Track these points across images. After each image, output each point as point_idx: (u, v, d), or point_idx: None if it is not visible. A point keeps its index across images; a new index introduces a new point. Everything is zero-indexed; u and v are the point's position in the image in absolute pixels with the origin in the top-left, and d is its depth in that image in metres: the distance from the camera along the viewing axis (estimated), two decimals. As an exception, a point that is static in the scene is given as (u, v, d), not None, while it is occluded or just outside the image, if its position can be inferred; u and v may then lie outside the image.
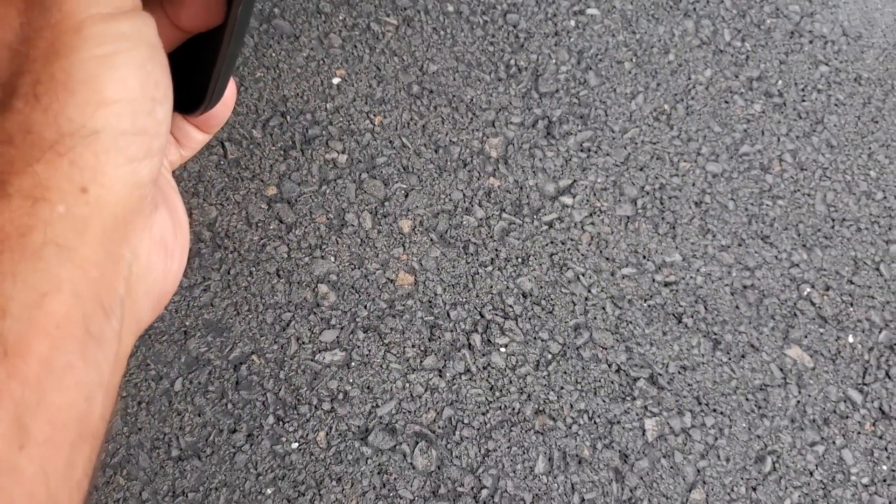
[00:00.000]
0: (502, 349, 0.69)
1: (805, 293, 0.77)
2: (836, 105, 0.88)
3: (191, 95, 0.26)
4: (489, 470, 0.65)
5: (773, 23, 0.92)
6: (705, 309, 0.74)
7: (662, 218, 0.77)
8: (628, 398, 0.69)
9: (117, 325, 0.23)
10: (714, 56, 0.88)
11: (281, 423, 0.62)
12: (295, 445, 0.62)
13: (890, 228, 0.82)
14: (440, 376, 0.67)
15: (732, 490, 0.68)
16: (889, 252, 0.80)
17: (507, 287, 0.71)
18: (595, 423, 0.68)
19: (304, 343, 0.66)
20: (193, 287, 0.65)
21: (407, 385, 0.67)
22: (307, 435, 0.63)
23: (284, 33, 0.77)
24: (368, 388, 0.66)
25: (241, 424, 0.58)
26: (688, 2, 0.89)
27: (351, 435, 0.63)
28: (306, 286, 0.68)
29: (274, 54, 0.75)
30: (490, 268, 0.72)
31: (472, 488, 0.64)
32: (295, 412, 0.63)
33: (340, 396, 0.65)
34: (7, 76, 0.23)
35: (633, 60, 0.85)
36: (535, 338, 0.70)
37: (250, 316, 0.65)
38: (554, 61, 0.82)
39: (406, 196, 0.73)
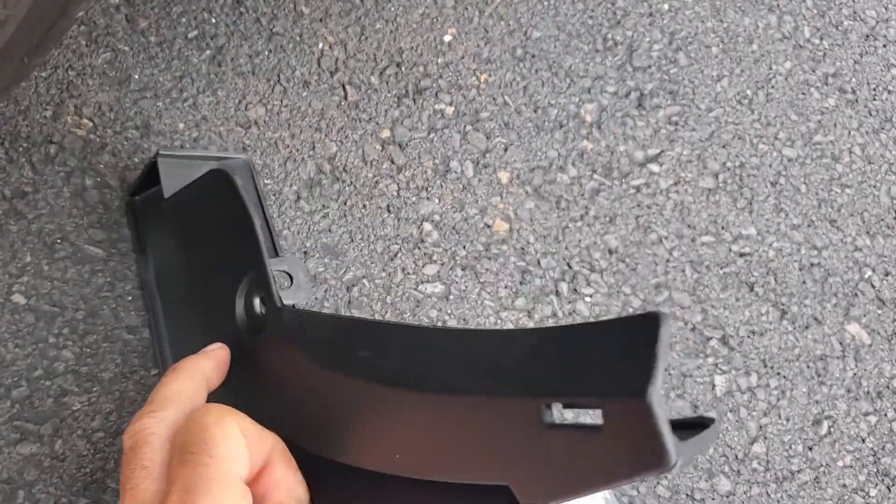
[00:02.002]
0: (587, 298, 0.74)
1: (866, 276, 0.82)
2: (905, 106, 0.93)
3: None
4: (571, 405, 0.70)
5: (850, 25, 0.97)
6: (775, 281, 0.79)
7: (741, 193, 0.82)
8: (701, 355, 0.74)
9: None
10: (794, 50, 0.93)
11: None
12: (398, 364, 0.67)
13: (948, 225, 0.86)
14: (529, 317, 0.72)
15: (790, 447, 0.73)
16: (946, 247, 0.85)
17: (595, 242, 0.77)
18: (670, 374, 0.73)
19: (408, 273, 0.71)
20: (314, 213, 0.70)
21: (499, 321, 0.72)
22: (409, 356, 0.68)
23: (401, -10, 0.82)
24: (465, 320, 0.71)
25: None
26: (775, -4, 0.94)
27: (449, 360, 0.69)
28: (412, 223, 0.73)
29: (393, 8, 0.81)
30: (580, 223, 0.77)
31: (556, 420, 0.69)
32: (399, 334, 0.68)
33: (439, 324, 0.70)
34: None
35: (720, 46, 0.90)
36: (618, 291, 0.75)
37: (363, 244, 0.71)
38: (647, 39, 0.87)
39: (505, 150, 0.78)
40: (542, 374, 0.31)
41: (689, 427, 0.32)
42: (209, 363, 0.44)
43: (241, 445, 0.36)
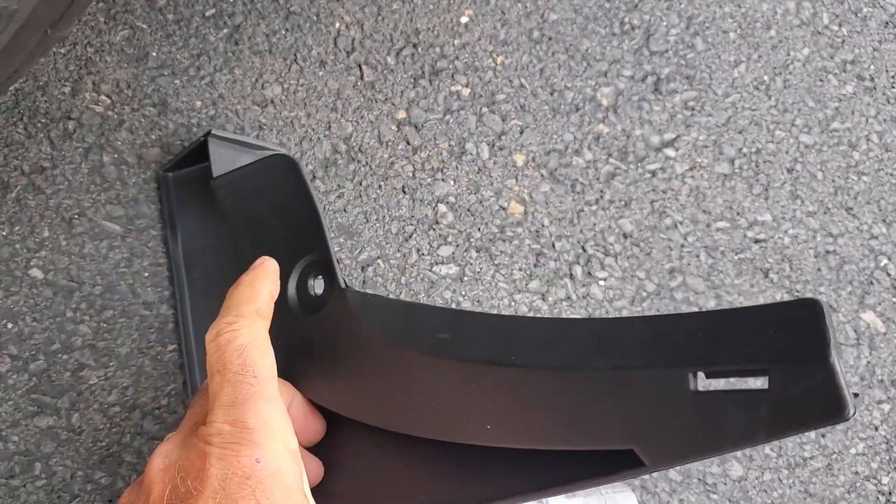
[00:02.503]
0: (601, 282, 0.74)
1: (882, 264, 0.82)
2: (924, 94, 0.92)
3: None
4: (584, 388, 0.70)
5: (870, 12, 0.96)
6: (790, 267, 0.79)
7: (757, 180, 0.82)
8: (714, 339, 0.74)
9: None
10: (812, 36, 0.92)
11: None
12: (412, 344, 0.68)
13: (965, 215, 0.86)
14: (543, 299, 0.72)
15: (803, 434, 0.73)
16: (963, 236, 0.85)
17: (610, 226, 0.76)
18: (682, 358, 0.73)
19: (423, 254, 0.71)
20: (329, 192, 0.70)
21: (513, 303, 0.72)
22: (423, 337, 0.68)
23: (419, -30, 0.82)
24: (478, 301, 0.71)
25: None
26: (794, -19, 0.93)
27: (463, 341, 0.69)
28: (427, 204, 0.73)
29: (409, -12, 0.80)
30: (595, 207, 0.77)
31: (569, 402, 0.69)
32: (414, 315, 0.68)
33: (453, 306, 0.70)
34: None
35: (738, 31, 0.89)
36: (632, 275, 0.75)
37: (378, 224, 0.71)
38: (665, 24, 0.87)
39: (521, 132, 0.78)
40: (687, 349, 0.36)
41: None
42: (266, 273, 0.44)
43: (274, 368, 0.38)
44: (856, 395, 0.36)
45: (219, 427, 0.34)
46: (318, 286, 0.50)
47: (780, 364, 0.33)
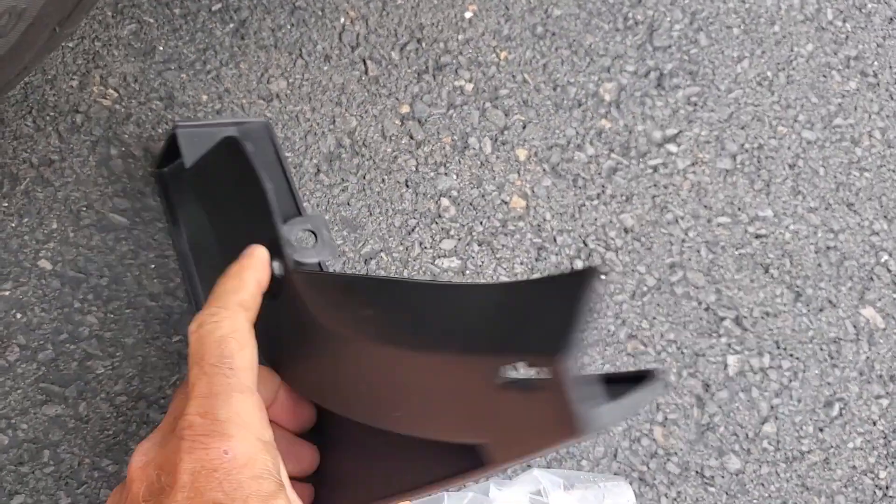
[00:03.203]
0: (602, 277, 0.75)
1: (882, 260, 0.82)
2: (927, 91, 0.92)
3: None
4: (584, 381, 0.71)
5: (874, 7, 0.96)
6: (791, 263, 0.80)
7: (758, 175, 0.82)
8: (714, 335, 0.75)
9: None
10: (816, 32, 0.92)
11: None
12: (414, 337, 0.68)
13: (967, 211, 0.86)
14: (544, 294, 0.73)
15: (801, 428, 0.74)
16: (964, 233, 0.85)
17: (611, 221, 0.77)
18: (682, 353, 0.74)
19: (425, 248, 0.72)
20: (333, 186, 0.71)
21: (515, 297, 0.72)
22: (425, 329, 0.69)
23: (424, -34, 0.83)
24: (481, 295, 0.72)
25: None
26: (799, -23, 0.93)
27: (464, 334, 0.70)
28: (430, 198, 0.74)
29: (414, -16, 0.81)
30: (596, 202, 0.77)
31: (569, 395, 0.70)
32: (416, 308, 0.69)
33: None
34: None
35: (742, 27, 0.90)
36: (632, 270, 0.76)
37: (381, 218, 0.72)
38: (668, 19, 0.87)
39: (524, 127, 0.79)
40: (500, 331, 0.30)
41: (633, 381, 0.32)
42: (253, 262, 0.44)
43: (255, 359, 0.38)
44: (650, 374, 0.30)
45: (191, 419, 0.34)
46: (276, 268, 0.48)
47: (544, 355, 0.27)
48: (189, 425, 0.34)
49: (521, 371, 0.28)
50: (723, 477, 0.70)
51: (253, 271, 0.43)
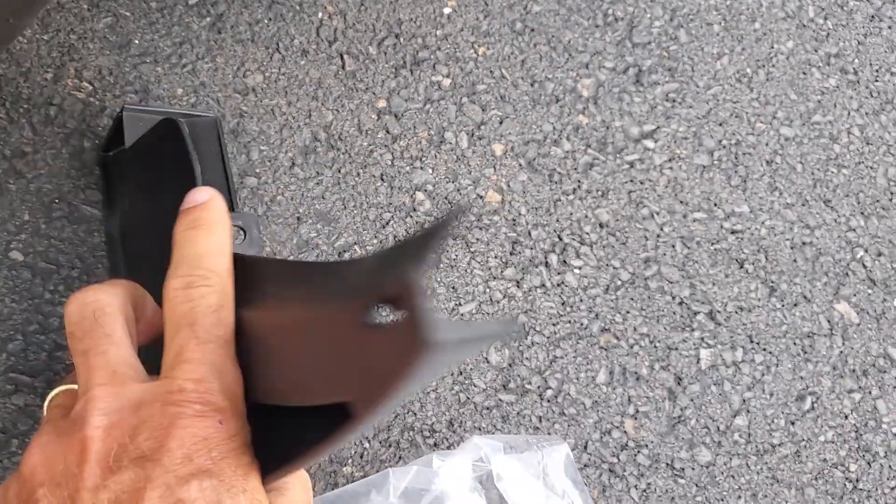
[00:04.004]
0: (576, 270, 0.75)
1: (858, 256, 0.83)
2: (907, 88, 0.92)
3: None
4: (555, 374, 0.71)
5: (856, 5, 0.97)
6: (766, 258, 0.80)
7: (735, 171, 0.83)
8: (687, 329, 0.75)
9: None
10: (797, 29, 0.93)
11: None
12: (387, 329, 0.69)
13: (945, 208, 0.87)
14: (517, 287, 0.74)
15: (773, 421, 0.74)
16: (942, 229, 0.85)
17: (586, 216, 0.77)
18: (655, 346, 0.74)
19: (399, 241, 0.72)
20: (308, 179, 0.72)
21: (487, 290, 0.73)
22: (398, 322, 0.70)
23: (403, -39, 0.83)
24: (454, 287, 0.72)
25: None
26: (779, -26, 0.94)
27: (436, 327, 0.70)
28: (405, 192, 0.74)
29: (393, -21, 0.81)
30: (572, 196, 0.78)
31: (539, 387, 0.71)
32: (389, 301, 0.70)
33: (428, 292, 0.71)
34: None
35: (722, 24, 0.90)
36: (607, 264, 0.76)
37: (355, 211, 0.72)
38: (648, 15, 0.87)
39: (501, 122, 0.79)
40: (366, 281, 0.30)
41: None
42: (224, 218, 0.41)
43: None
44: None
45: (182, 384, 0.32)
46: None
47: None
48: (180, 390, 0.32)
49: (386, 315, 0.28)
50: (693, 469, 0.71)
51: (226, 231, 0.40)
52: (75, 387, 0.35)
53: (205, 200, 0.40)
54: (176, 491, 0.31)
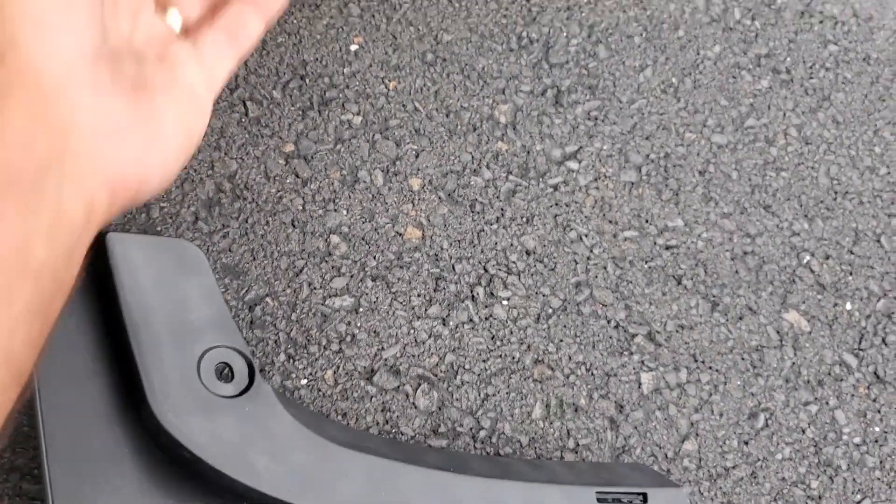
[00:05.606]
0: (504, 302, 0.72)
1: (805, 261, 0.79)
2: (843, 83, 0.90)
3: None
4: (488, 413, 0.68)
5: (784, 3, 0.94)
6: (705, 272, 0.77)
7: (666, 185, 0.80)
8: (626, 353, 0.72)
9: (54, 183, 0.27)
10: (723, 33, 0.91)
11: (291, 360, 0.66)
12: (304, 382, 0.66)
13: (893, 202, 0.83)
14: (444, 324, 0.71)
15: (725, 443, 0.70)
16: (891, 225, 0.82)
17: (512, 244, 0.74)
18: (592, 374, 0.71)
19: (315, 288, 0.69)
20: (213, 233, 0.69)
21: (412, 331, 0.70)
22: (316, 373, 0.66)
23: (306, 1, 0.81)
24: (375, 332, 0.69)
25: (254, 361, 0.61)
26: (698, -20, 0.92)
27: (357, 374, 0.67)
28: (319, 236, 0.71)
29: (295, 21, 0.79)
30: (495, 226, 0.75)
31: (471, 429, 0.67)
32: (305, 351, 0.67)
33: (348, 339, 0.68)
34: None
35: (643, 35, 0.88)
36: (536, 293, 0.73)
37: (266, 262, 0.69)
38: (565, 34, 0.85)
39: (417, 156, 0.77)
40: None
41: None
42: None
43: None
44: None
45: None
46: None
47: None
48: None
49: None
50: (639, 503, 0.67)
51: None
52: None
53: None
54: None
